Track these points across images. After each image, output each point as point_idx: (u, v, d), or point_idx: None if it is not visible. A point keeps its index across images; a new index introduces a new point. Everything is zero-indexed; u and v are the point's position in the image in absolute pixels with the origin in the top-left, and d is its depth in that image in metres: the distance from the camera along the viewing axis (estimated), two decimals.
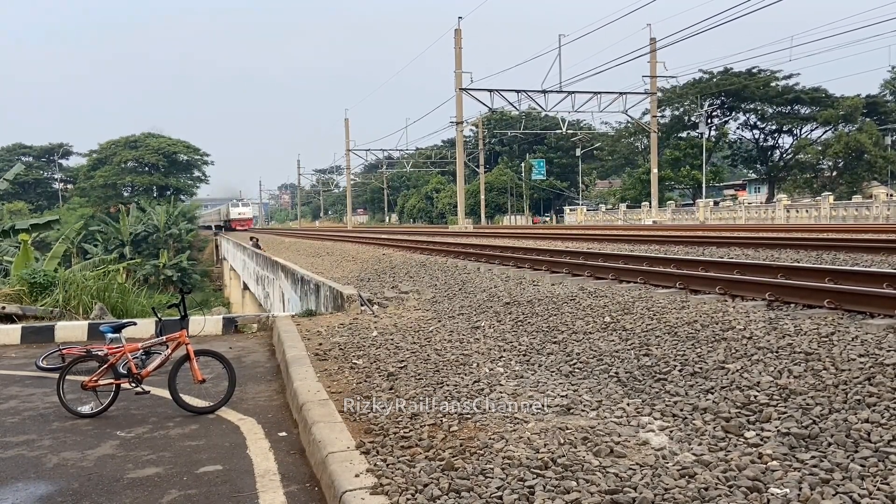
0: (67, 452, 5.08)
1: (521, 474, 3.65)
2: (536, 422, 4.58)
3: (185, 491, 4.28)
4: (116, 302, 12.92)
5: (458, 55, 39.77)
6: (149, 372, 6.16)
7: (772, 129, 62.95)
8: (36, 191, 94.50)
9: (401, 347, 7.27)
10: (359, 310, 9.87)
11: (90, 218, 67.95)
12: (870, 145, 54.43)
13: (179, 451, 5.04)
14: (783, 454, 3.80)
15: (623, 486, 3.48)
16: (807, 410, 4.29)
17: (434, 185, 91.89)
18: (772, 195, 59.56)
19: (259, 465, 4.69)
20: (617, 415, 4.69)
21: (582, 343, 6.70)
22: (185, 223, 68.67)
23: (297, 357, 6.97)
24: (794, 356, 5.21)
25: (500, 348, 6.99)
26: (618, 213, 56.05)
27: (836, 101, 58.30)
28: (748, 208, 44.79)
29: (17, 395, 6.91)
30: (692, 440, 4.14)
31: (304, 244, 32.54)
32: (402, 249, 20.44)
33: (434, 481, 3.63)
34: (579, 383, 5.54)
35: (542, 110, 44.39)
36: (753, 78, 58.71)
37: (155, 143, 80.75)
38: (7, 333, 9.97)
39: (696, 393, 4.93)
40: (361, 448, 4.19)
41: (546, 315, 8.08)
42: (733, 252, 13.60)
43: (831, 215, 36.72)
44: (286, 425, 5.56)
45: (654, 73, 42.09)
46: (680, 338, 6.24)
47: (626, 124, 66.34)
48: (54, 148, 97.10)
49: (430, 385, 5.69)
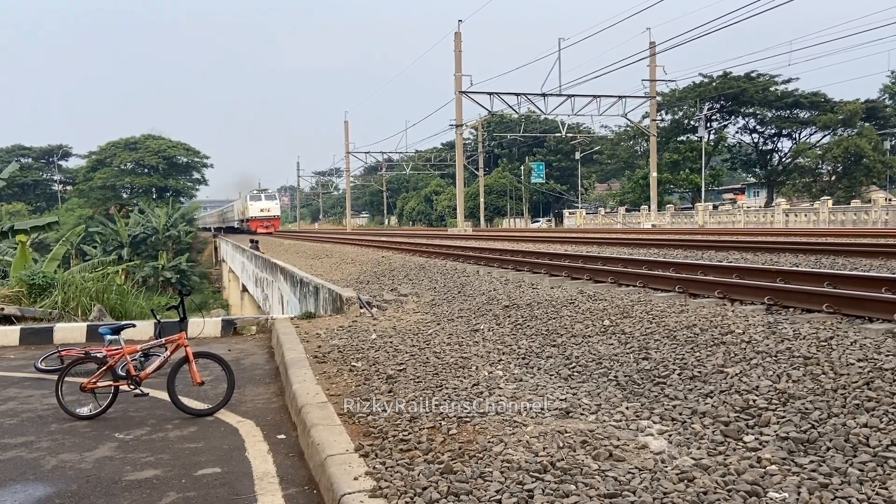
0: (66, 454, 5.07)
1: (520, 478, 3.65)
2: (535, 425, 4.57)
3: (183, 493, 4.28)
4: (115, 304, 12.92)
5: (458, 58, 39.81)
6: (147, 374, 6.16)
7: (771, 133, 63.02)
8: (35, 192, 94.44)
9: (400, 350, 7.27)
10: (358, 312, 9.87)
11: (89, 219, 67.93)
12: (869, 150, 54.50)
13: (178, 453, 5.04)
14: (782, 458, 3.80)
15: (622, 489, 3.48)
16: (806, 415, 4.29)
17: (433, 188, 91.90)
18: (771, 199, 59.59)
19: (258, 467, 4.68)
20: (616, 418, 4.70)
21: (581, 346, 6.70)
22: (184, 225, 68.62)
23: (296, 359, 6.97)
24: (793, 360, 5.21)
25: (499, 351, 6.99)
26: (617, 216, 56.05)
27: (835, 105, 58.37)
28: (747, 212, 44.80)
29: (15, 396, 6.90)
30: (691, 444, 4.14)
31: (303, 246, 32.53)
32: (402, 252, 20.44)
33: (433, 484, 3.63)
34: (578, 387, 5.54)
35: (541, 113, 44.46)
36: (753, 82, 58.76)
37: (154, 145, 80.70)
38: (6, 335, 9.96)
39: (695, 397, 4.93)
40: (360, 451, 4.19)
41: (545, 318, 8.08)
42: (732, 256, 13.61)
43: (830, 219, 36.74)
44: (285, 428, 5.55)
45: (654, 77, 42.19)
46: (679, 342, 6.25)
47: (625, 128, 66.44)
48: (53, 149, 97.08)
49: (429, 388, 5.68)
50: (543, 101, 39.98)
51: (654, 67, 41.75)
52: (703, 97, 58.75)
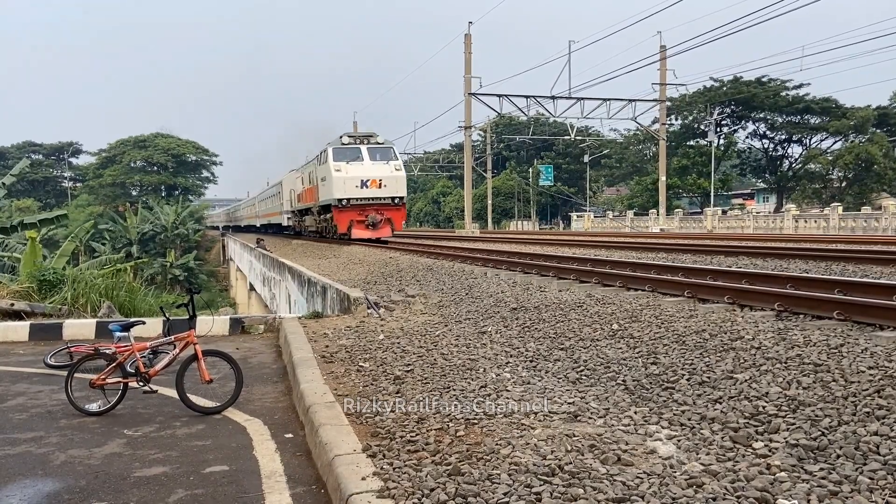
0: (75, 450, 5.10)
1: (528, 480, 3.64)
2: (543, 428, 4.57)
3: (191, 491, 4.29)
4: (124, 300, 12.99)
5: (468, 60, 39.78)
6: (156, 371, 6.18)
7: (781, 139, 62.83)
8: (45, 188, 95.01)
9: (407, 351, 7.27)
10: (365, 313, 9.88)
11: (98, 216, 68.32)
12: (879, 157, 54.27)
13: (186, 450, 5.05)
14: (791, 465, 3.78)
15: (630, 494, 3.47)
16: (816, 422, 4.27)
17: (441, 189, 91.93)
18: (780, 205, 59.39)
19: (265, 466, 4.69)
20: (624, 423, 4.68)
21: (589, 350, 6.69)
22: (193, 223, 68.89)
23: (304, 359, 6.98)
24: (803, 367, 5.19)
25: (506, 354, 6.98)
26: (625, 220, 55.95)
27: (846, 111, 58.15)
28: (756, 218, 44.61)
29: (24, 391, 6.94)
30: (700, 450, 4.13)
31: (310, 246, 32.58)
32: (409, 253, 20.44)
33: (440, 486, 3.62)
34: (586, 390, 5.53)
35: (550, 116, 44.39)
36: (764, 87, 58.61)
37: (164, 143, 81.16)
38: (15, 330, 10.03)
39: (705, 402, 4.91)
40: (368, 451, 4.19)
41: (553, 321, 8.07)
42: (741, 261, 13.56)
43: (840, 226, 36.55)
44: (292, 427, 5.56)
45: (664, 81, 42.04)
46: (688, 346, 6.23)
47: (635, 132, 66.31)
48: (64, 146, 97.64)
49: (436, 389, 5.68)
50: (553, 103, 39.91)
51: (665, 71, 41.59)
52: (714, 101, 58.64)
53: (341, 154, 25.94)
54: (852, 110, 58.23)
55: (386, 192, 25.73)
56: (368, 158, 25.78)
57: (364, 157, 25.79)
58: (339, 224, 26.04)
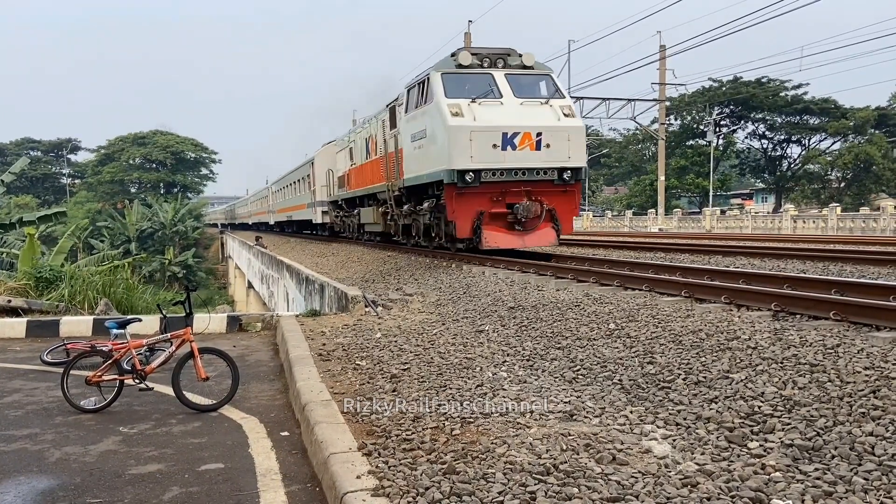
0: (70, 447, 5.09)
1: (523, 479, 3.64)
2: (539, 427, 4.57)
3: (186, 488, 4.29)
4: (122, 298, 12.97)
5: None
6: (153, 368, 6.18)
7: (780, 139, 62.89)
8: (44, 185, 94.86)
9: (404, 350, 7.27)
10: (363, 311, 9.88)
11: (97, 213, 68.27)
12: (878, 157, 54.35)
13: (181, 448, 5.05)
14: (786, 465, 3.79)
15: (625, 493, 3.47)
16: (811, 422, 4.27)
17: None
18: (779, 205, 59.44)
19: (261, 464, 4.69)
20: (620, 422, 4.68)
21: (586, 349, 6.69)
22: (192, 221, 68.83)
23: (301, 357, 6.98)
24: (799, 367, 5.19)
25: (503, 353, 6.98)
26: (624, 219, 55.95)
27: (845, 112, 58.22)
28: (755, 218, 44.60)
29: (21, 388, 6.93)
30: (695, 449, 4.13)
31: (309, 244, 32.57)
32: (408, 252, 20.43)
33: (435, 484, 3.62)
34: (583, 390, 5.53)
35: None
36: (763, 87, 58.66)
37: (163, 141, 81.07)
38: (12, 327, 10.02)
39: (700, 402, 4.91)
40: (363, 449, 4.19)
41: (550, 320, 8.07)
42: (739, 261, 13.57)
43: (838, 226, 36.55)
44: (288, 425, 5.56)
45: (664, 81, 42.07)
46: (684, 346, 6.23)
47: (634, 131, 66.34)
48: (62, 143, 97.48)
49: (433, 388, 5.68)
50: None
51: (664, 71, 41.63)
52: (713, 101, 58.67)
53: (457, 84, 14.06)
54: (851, 111, 58.30)
55: (549, 159, 13.80)
56: (513, 93, 14.11)
57: (503, 90, 14.07)
58: (459, 219, 13.87)
